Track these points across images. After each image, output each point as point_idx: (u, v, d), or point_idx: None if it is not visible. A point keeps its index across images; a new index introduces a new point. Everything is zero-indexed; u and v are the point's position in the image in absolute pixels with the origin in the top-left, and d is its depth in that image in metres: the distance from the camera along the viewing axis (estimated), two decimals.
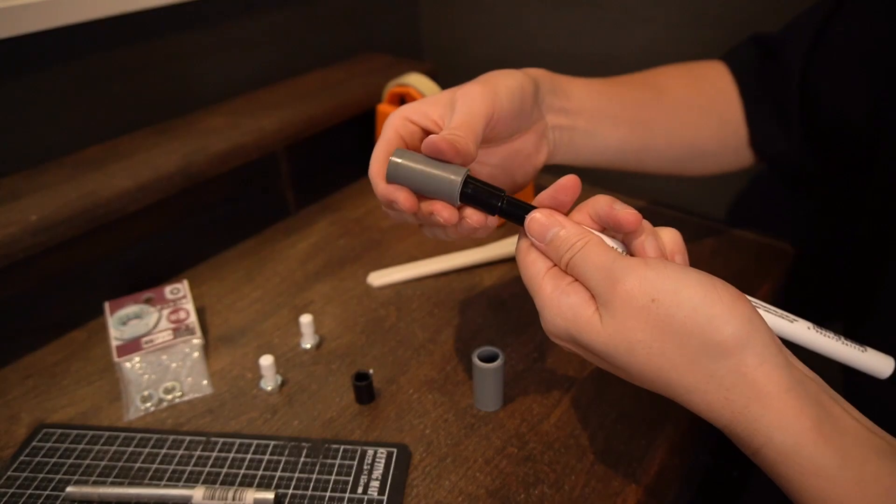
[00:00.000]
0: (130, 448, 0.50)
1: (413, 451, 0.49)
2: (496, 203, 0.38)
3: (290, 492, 0.46)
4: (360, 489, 0.46)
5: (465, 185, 0.38)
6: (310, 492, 0.46)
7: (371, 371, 0.54)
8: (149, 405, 0.54)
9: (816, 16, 0.55)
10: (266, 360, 0.54)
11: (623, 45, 0.86)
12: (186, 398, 0.54)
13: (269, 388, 0.54)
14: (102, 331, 0.61)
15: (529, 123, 0.46)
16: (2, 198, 0.60)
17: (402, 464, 0.48)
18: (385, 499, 0.45)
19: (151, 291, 0.63)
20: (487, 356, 0.51)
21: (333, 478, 0.47)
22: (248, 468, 0.48)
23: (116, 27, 0.69)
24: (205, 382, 0.55)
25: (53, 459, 0.49)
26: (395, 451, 0.48)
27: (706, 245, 0.71)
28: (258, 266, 0.71)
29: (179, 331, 0.58)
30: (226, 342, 0.60)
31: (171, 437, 0.50)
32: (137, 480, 0.47)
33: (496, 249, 0.69)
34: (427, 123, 0.42)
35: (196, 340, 0.58)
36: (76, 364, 0.59)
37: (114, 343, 0.57)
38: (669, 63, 0.61)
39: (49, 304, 0.62)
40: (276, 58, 0.87)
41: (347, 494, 0.45)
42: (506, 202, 0.38)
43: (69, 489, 0.46)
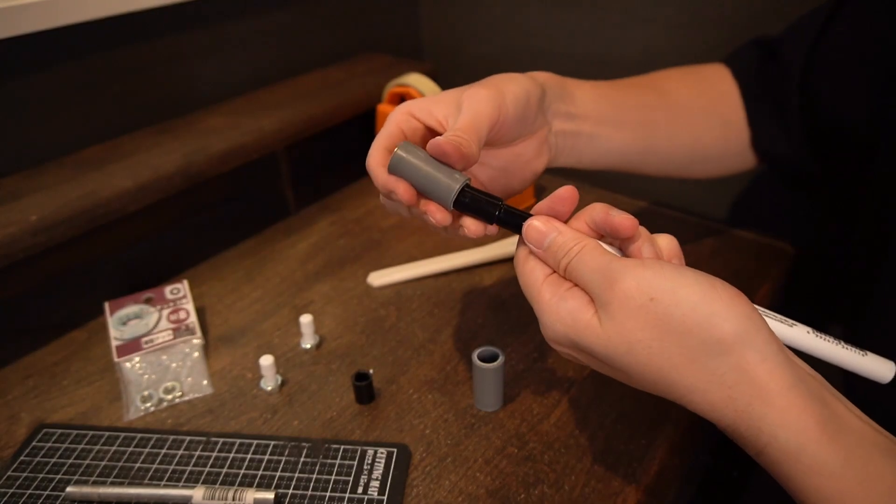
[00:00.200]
0: (130, 448, 0.50)
1: (413, 451, 0.49)
2: (493, 212, 0.38)
3: (290, 492, 0.46)
4: (360, 489, 0.46)
5: (462, 194, 0.38)
6: (310, 492, 0.46)
7: (371, 371, 0.54)
8: (149, 405, 0.54)
9: (817, 18, 0.55)
10: (266, 360, 0.54)
11: (623, 46, 0.86)
12: (186, 398, 0.54)
13: (269, 388, 0.54)
14: (102, 331, 0.61)
15: (533, 129, 0.46)
16: (2, 198, 0.60)
17: (402, 464, 0.48)
18: (385, 499, 0.45)
19: (151, 291, 0.63)
20: (487, 356, 0.51)
21: (333, 478, 0.47)
22: (248, 468, 0.48)
23: (116, 27, 0.69)
24: (205, 382, 0.55)
25: (53, 459, 0.49)
26: (395, 451, 0.48)
27: (706, 245, 0.71)
28: (258, 266, 0.71)
29: (179, 331, 0.58)
30: (226, 342, 0.60)
31: (171, 437, 0.50)
32: (137, 480, 0.47)
33: (496, 249, 0.69)
34: (431, 121, 0.42)
35: (196, 340, 0.58)
36: (76, 364, 0.59)
37: (114, 343, 0.57)
38: (669, 64, 0.61)
39: (49, 304, 0.62)
40: (276, 58, 0.87)
41: (347, 494, 0.45)
42: (503, 211, 0.38)
43: (69, 489, 0.46)
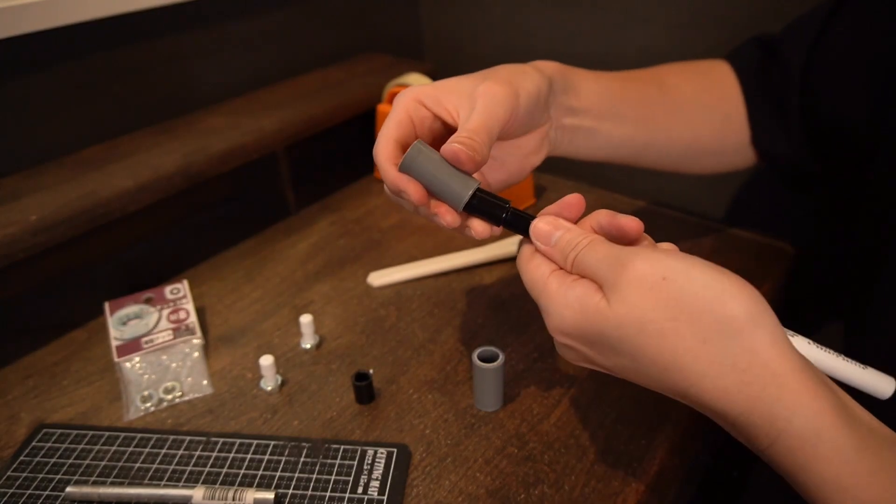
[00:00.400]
0: (130, 448, 0.50)
1: (413, 451, 0.49)
2: (501, 214, 0.39)
3: (290, 492, 0.46)
4: (360, 489, 0.46)
5: (472, 197, 0.38)
6: (310, 492, 0.46)
7: (371, 371, 0.54)
8: (149, 405, 0.54)
9: (817, 16, 0.55)
10: (266, 360, 0.54)
11: (623, 46, 0.86)
12: (186, 398, 0.54)
13: (269, 388, 0.54)
14: (102, 331, 0.61)
15: (537, 125, 0.46)
16: (2, 198, 0.60)
17: (402, 464, 0.48)
18: (385, 499, 0.45)
19: (151, 291, 0.63)
20: (487, 356, 0.51)
21: (333, 478, 0.47)
22: (248, 468, 0.48)
23: (116, 27, 0.69)
24: (205, 382, 0.55)
25: (53, 459, 0.49)
26: (395, 451, 0.48)
27: (706, 245, 0.71)
28: (258, 266, 0.71)
29: (179, 331, 0.58)
30: (226, 342, 0.60)
31: (171, 437, 0.50)
32: (137, 480, 0.47)
33: (496, 249, 0.69)
34: (439, 111, 0.41)
35: (196, 340, 0.58)
36: (76, 364, 0.59)
37: (114, 343, 0.57)
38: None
39: (49, 304, 0.62)
40: (276, 58, 0.87)
41: (347, 494, 0.45)
42: (510, 213, 0.39)
43: (69, 489, 0.46)
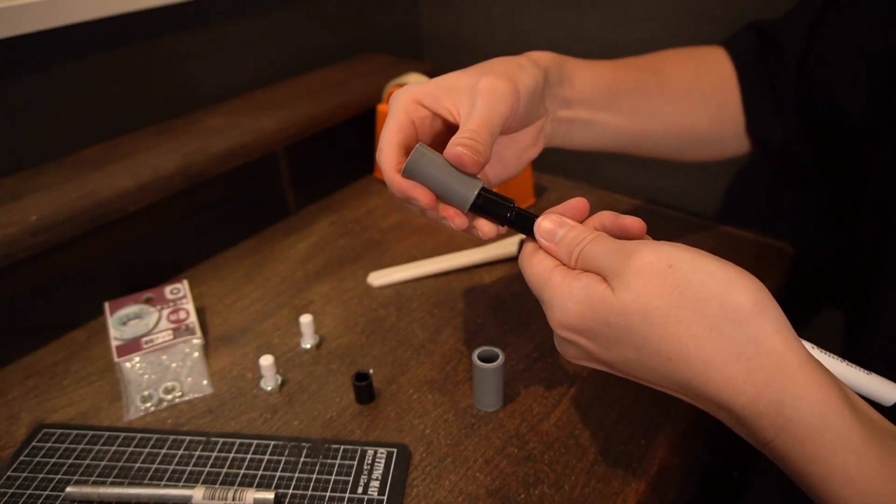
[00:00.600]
0: (130, 448, 0.50)
1: (413, 451, 0.49)
2: (505, 214, 0.39)
3: (290, 492, 0.46)
4: (360, 489, 0.46)
5: (477, 197, 0.38)
6: (310, 492, 0.46)
7: (371, 371, 0.54)
8: (149, 405, 0.54)
9: (815, 4, 0.55)
10: (266, 360, 0.54)
11: (622, 46, 0.86)
12: (186, 398, 0.54)
13: (269, 388, 0.54)
14: (102, 331, 0.61)
15: (534, 118, 0.46)
16: (2, 198, 0.60)
17: (402, 464, 0.48)
18: (385, 499, 0.45)
19: (151, 291, 0.63)
20: (487, 356, 0.51)
21: (333, 478, 0.47)
22: (248, 468, 0.48)
23: (116, 27, 0.69)
24: (205, 382, 0.55)
25: (53, 459, 0.49)
26: (395, 451, 0.48)
27: (706, 245, 0.71)
28: (258, 266, 0.71)
29: (179, 331, 0.58)
30: (226, 342, 0.60)
31: (171, 437, 0.50)
32: (137, 480, 0.47)
33: (496, 249, 0.69)
34: (440, 110, 0.41)
35: (196, 340, 0.58)
36: (76, 364, 0.59)
37: (114, 343, 0.57)
38: None
39: (49, 304, 0.62)
40: (276, 58, 0.87)
41: (347, 494, 0.45)
42: (515, 213, 0.39)
43: (69, 489, 0.46)
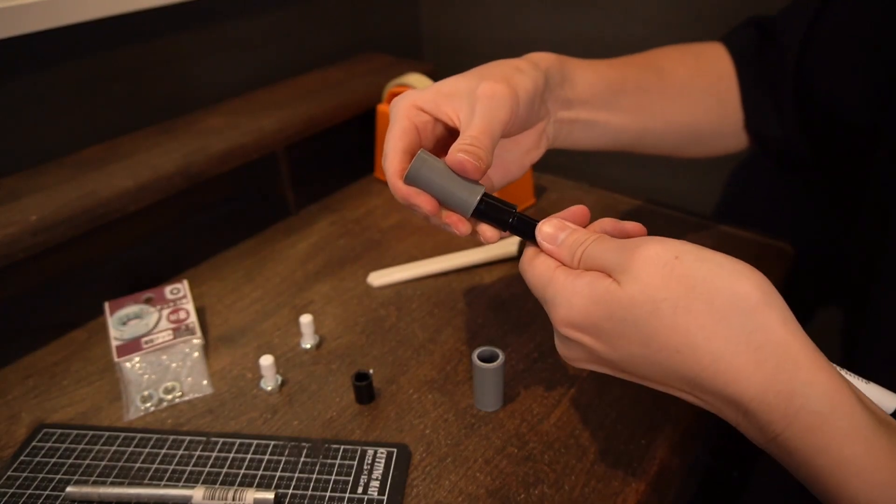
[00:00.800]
0: (130, 448, 0.50)
1: (413, 451, 0.49)
2: (507, 219, 0.39)
3: (290, 492, 0.46)
4: (360, 489, 0.46)
5: (479, 203, 0.39)
6: (310, 492, 0.46)
7: (371, 371, 0.54)
8: (149, 405, 0.54)
9: (814, 0, 0.55)
10: (266, 360, 0.54)
11: (622, 45, 0.86)
12: (186, 398, 0.54)
13: (269, 388, 0.54)
14: (102, 331, 0.61)
15: (536, 121, 0.46)
16: (2, 198, 0.60)
17: (402, 464, 0.48)
18: (385, 499, 0.45)
19: (151, 291, 0.63)
20: (487, 356, 0.51)
21: (333, 478, 0.47)
22: (248, 468, 0.48)
23: (116, 27, 0.69)
24: (205, 382, 0.55)
25: (53, 459, 0.49)
26: (395, 451, 0.48)
27: (706, 245, 0.71)
28: (258, 266, 0.71)
29: (179, 331, 0.58)
30: (226, 342, 0.60)
31: (171, 437, 0.50)
32: (137, 480, 0.47)
33: (496, 249, 0.69)
34: (440, 115, 0.41)
35: (196, 340, 0.58)
36: (76, 364, 0.59)
37: (114, 343, 0.57)
38: None
39: (49, 304, 0.62)
40: (276, 58, 0.87)
41: (347, 494, 0.45)
42: (516, 218, 0.39)
43: (69, 489, 0.46)
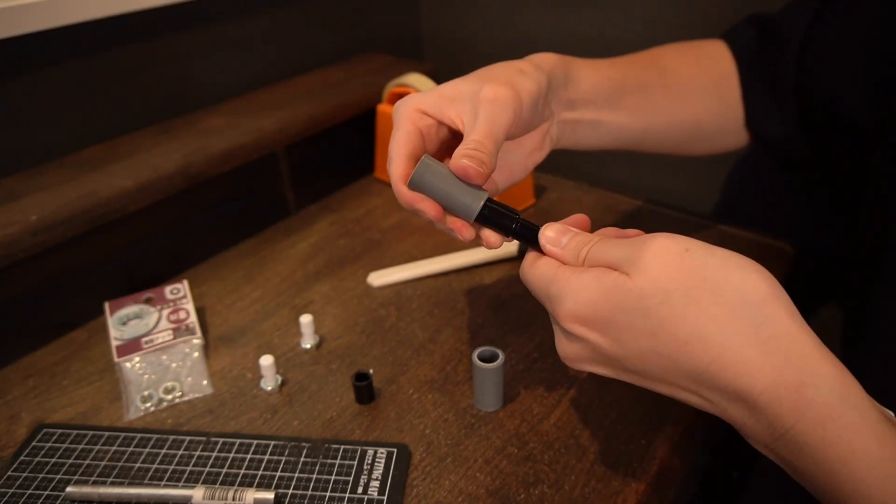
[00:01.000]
0: (130, 448, 0.50)
1: (413, 451, 0.49)
2: (511, 224, 0.39)
3: (290, 492, 0.46)
4: (360, 489, 0.46)
5: (483, 208, 0.39)
6: (310, 492, 0.46)
7: (371, 371, 0.54)
8: (149, 405, 0.54)
9: None
10: (266, 360, 0.54)
11: (623, 45, 0.86)
12: (186, 398, 0.54)
13: (269, 388, 0.54)
14: (102, 331, 0.61)
15: (539, 123, 0.46)
16: (2, 198, 0.60)
17: (402, 464, 0.48)
18: (385, 499, 0.45)
19: (151, 291, 0.63)
20: (487, 356, 0.51)
21: (333, 478, 0.47)
22: (248, 468, 0.48)
23: (116, 27, 0.69)
24: (205, 382, 0.55)
25: (53, 459, 0.49)
26: (395, 451, 0.48)
27: None
28: (258, 266, 0.71)
29: (179, 331, 0.58)
30: (226, 342, 0.60)
31: (171, 437, 0.50)
32: (137, 480, 0.47)
33: (496, 250, 0.69)
34: (443, 119, 0.41)
35: (196, 340, 0.58)
36: (76, 364, 0.59)
37: (114, 343, 0.57)
38: None
39: (49, 304, 0.62)
40: (276, 58, 0.87)
41: (347, 494, 0.45)
42: (520, 224, 0.39)
43: (69, 489, 0.46)
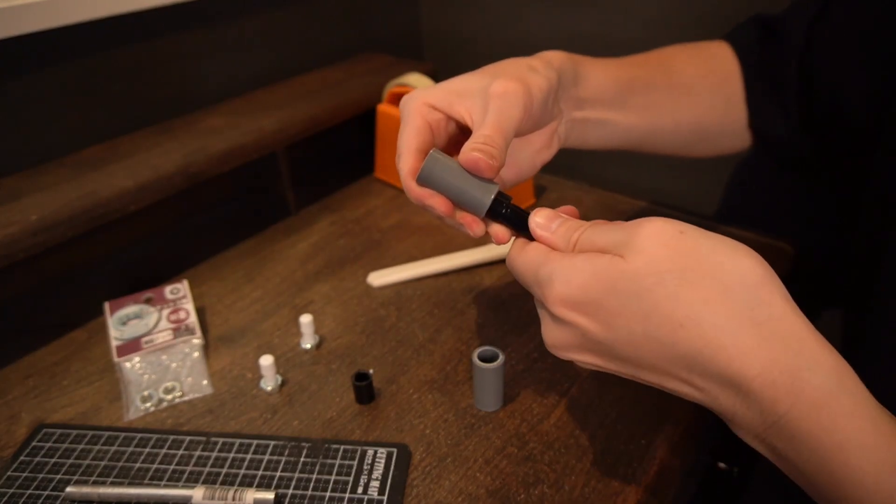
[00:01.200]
0: (130, 448, 0.50)
1: (413, 451, 0.49)
2: (500, 210, 0.39)
3: (290, 492, 0.46)
4: (360, 489, 0.46)
5: (493, 202, 0.38)
6: (310, 492, 0.46)
7: (371, 371, 0.54)
8: (149, 405, 0.54)
9: None
10: (266, 360, 0.54)
11: (623, 45, 0.86)
12: (186, 398, 0.54)
13: (269, 388, 0.54)
14: (102, 331, 0.61)
15: (548, 120, 0.46)
16: (2, 198, 0.60)
17: (402, 464, 0.48)
18: (385, 499, 0.45)
19: (151, 291, 0.63)
20: (487, 356, 0.51)
21: (333, 478, 0.47)
22: (248, 468, 0.48)
23: (116, 27, 0.69)
24: (205, 382, 0.55)
25: (53, 459, 0.49)
26: (395, 451, 0.48)
27: None
28: (258, 266, 0.71)
29: (179, 331, 0.58)
30: (226, 342, 0.60)
31: (171, 437, 0.50)
32: (137, 480, 0.47)
33: (496, 249, 0.69)
34: (453, 113, 0.41)
35: (196, 340, 0.58)
36: (76, 364, 0.59)
37: (114, 343, 0.57)
38: None
39: (49, 304, 0.62)
40: (276, 58, 0.87)
41: (347, 494, 0.45)
42: (509, 209, 0.39)
43: (69, 489, 0.46)
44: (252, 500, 0.44)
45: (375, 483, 0.46)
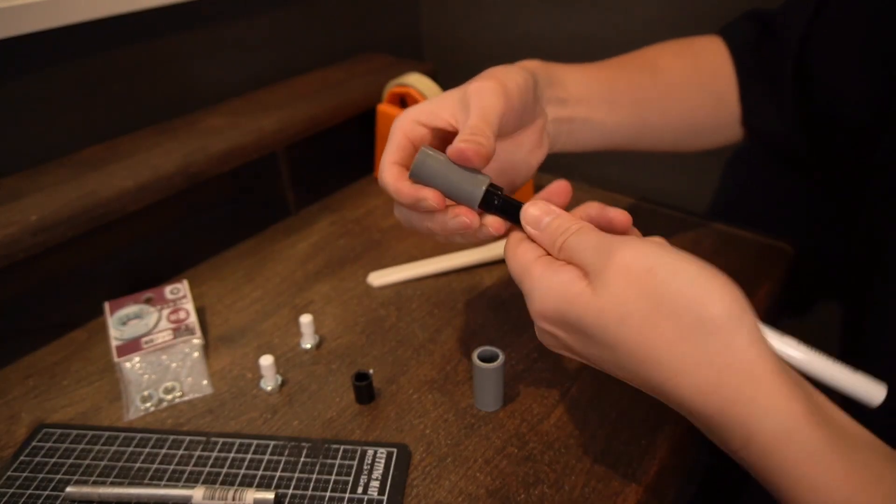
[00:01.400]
0: (130, 448, 0.50)
1: (413, 451, 0.49)
2: (493, 201, 0.39)
3: (290, 492, 0.46)
4: (360, 489, 0.46)
5: (486, 193, 0.39)
6: (310, 492, 0.46)
7: (371, 371, 0.54)
8: (149, 405, 0.54)
9: None
10: (266, 360, 0.54)
11: (623, 46, 0.86)
12: (186, 398, 0.54)
13: (269, 388, 0.54)
14: (102, 331, 0.61)
15: (532, 118, 0.46)
16: (2, 198, 0.60)
17: (402, 464, 0.48)
18: (385, 499, 0.45)
19: (151, 291, 0.63)
20: (487, 356, 0.51)
21: (333, 478, 0.47)
22: (248, 468, 0.48)
23: (116, 27, 0.69)
24: (205, 382, 0.55)
25: (53, 459, 0.49)
26: (395, 451, 0.48)
27: (706, 245, 0.71)
28: (258, 266, 0.71)
29: (179, 331, 0.58)
30: (226, 342, 0.60)
31: (171, 437, 0.50)
32: (137, 480, 0.47)
33: (496, 249, 0.69)
34: (438, 123, 0.42)
35: (196, 340, 0.58)
36: (76, 364, 0.59)
37: (114, 343, 0.57)
38: None
39: (49, 304, 0.62)
40: (276, 58, 0.87)
41: (347, 494, 0.45)
42: (502, 200, 0.39)
43: (69, 489, 0.46)
44: (252, 500, 0.44)
45: (375, 483, 0.46)
